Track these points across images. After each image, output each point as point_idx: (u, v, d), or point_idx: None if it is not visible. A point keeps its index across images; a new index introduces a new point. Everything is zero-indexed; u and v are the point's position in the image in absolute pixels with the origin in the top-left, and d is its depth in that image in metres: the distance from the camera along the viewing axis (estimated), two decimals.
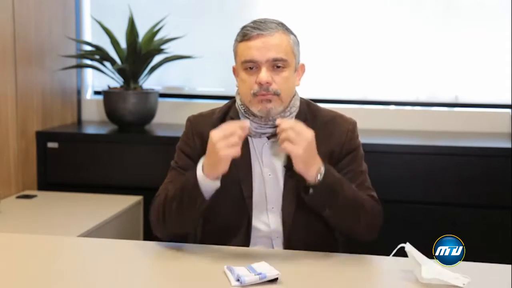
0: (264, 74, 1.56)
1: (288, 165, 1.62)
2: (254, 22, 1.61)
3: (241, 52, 1.61)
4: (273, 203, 1.67)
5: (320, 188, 1.52)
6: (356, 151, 1.70)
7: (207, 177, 1.52)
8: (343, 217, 1.60)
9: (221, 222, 1.70)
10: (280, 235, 1.68)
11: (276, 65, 1.58)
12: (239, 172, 1.65)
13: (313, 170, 1.51)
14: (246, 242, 1.68)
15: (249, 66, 1.59)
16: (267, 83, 1.56)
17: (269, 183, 1.67)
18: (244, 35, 1.60)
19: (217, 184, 1.54)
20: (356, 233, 1.65)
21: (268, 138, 1.66)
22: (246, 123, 1.51)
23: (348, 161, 1.67)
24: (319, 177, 1.51)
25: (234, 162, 1.56)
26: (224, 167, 1.50)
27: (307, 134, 1.50)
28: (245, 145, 1.65)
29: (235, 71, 1.68)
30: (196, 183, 1.52)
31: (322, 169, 1.52)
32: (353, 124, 1.72)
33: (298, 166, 1.51)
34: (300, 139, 1.48)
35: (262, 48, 1.57)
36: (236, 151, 1.48)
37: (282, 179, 1.66)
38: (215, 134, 1.49)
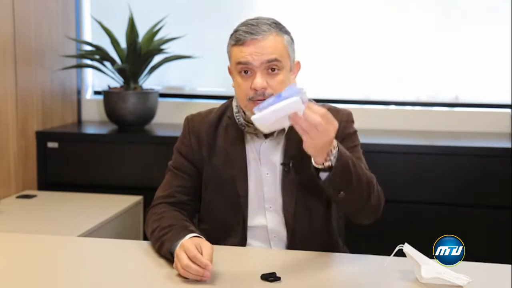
0: (259, 80, 1.54)
1: (285, 162, 1.63)
2: (247, 25, 1.58)
3: (235, 55, 1.58)
4: (271, 202, 1.67)
5: (335, 173, 1.44)
6: (351, 134, 1.68)
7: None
8: (355, 199, 1.53)
9: (217, 221, 1.70)
10: (277, 235, 1.68)
11: (271, 67, 1.55)
12: (234, 171, 1.65)
13: (324, 153, 1.43)
14: (242, 242, 1.68)
15: (244, 69, 1.57)
16: (263, 88, 1.54)
17: (266, 182, 1.67)
18: (238, 40, 1.57)
19: None
20: (363, 214, 1.60)
21: (266, 136, 1.66)
22: (207, 273, 1.38)
23: (344, 143, 1.63)
24: (332, 159, 1.43)
25: (229, 161, 1.61)
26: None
27: (330, 128, 1.38)
28: (240, 143, 1.66)
29: (230, 71, 1.66)
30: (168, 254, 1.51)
31: (335, 151, 1.44)
32: (348, 114, 1.70)
33: (309, 151, 1.42)
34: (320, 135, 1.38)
35: (256, 52, 1.54)
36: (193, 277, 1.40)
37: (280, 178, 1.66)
38: (183, 258, 1.40)
